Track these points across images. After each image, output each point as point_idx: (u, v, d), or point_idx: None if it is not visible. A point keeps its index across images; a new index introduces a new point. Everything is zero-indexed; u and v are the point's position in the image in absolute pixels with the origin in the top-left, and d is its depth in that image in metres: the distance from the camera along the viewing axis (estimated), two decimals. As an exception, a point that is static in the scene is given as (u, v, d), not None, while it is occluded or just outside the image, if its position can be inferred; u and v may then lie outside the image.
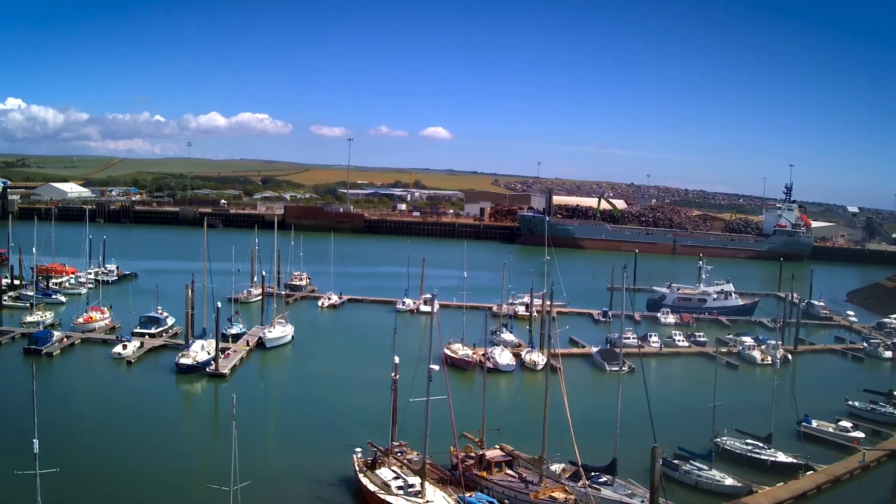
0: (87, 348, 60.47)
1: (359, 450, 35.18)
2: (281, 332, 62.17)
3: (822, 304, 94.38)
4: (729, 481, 36.22)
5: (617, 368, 60.13)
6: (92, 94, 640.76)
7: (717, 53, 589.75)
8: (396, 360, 38.14)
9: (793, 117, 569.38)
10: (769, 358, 67.02)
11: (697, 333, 73.72)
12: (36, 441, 25.93)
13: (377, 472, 32.79)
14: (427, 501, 30.24)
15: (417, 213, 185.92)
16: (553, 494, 32.28)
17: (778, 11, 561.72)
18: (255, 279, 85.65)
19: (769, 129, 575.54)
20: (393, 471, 32.79)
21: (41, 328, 64.69)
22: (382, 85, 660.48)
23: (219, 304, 54.01)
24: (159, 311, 67.12)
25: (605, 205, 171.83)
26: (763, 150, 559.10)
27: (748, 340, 70.95)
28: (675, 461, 38.19)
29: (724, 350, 69.43)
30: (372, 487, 31.66)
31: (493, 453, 35.22)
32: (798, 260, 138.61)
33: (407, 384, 51.70)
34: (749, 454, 40.15)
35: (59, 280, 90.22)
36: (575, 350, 65.74)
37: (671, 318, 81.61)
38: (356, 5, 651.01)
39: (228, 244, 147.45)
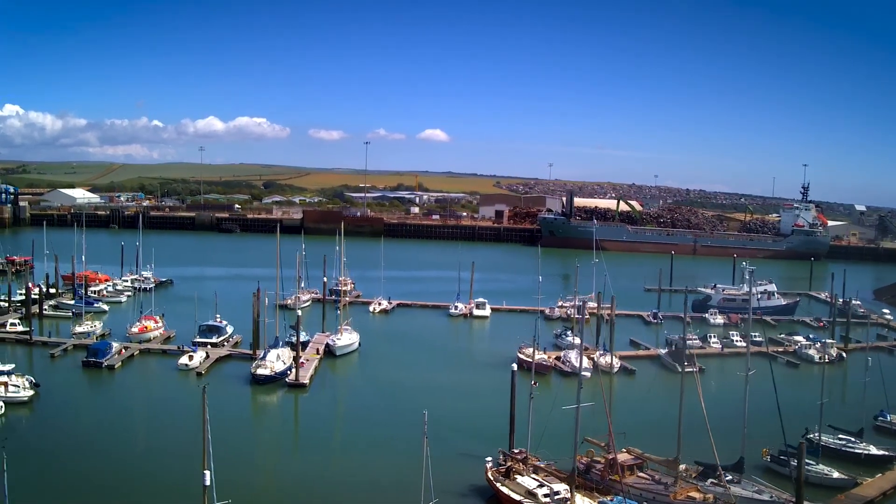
0: (148, 360, 59.07)
1: (489, 458, 34.87)
2: (349, 339, 61.57)
3: (858, 302, 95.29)
4: (836, 475, 37.39)
5: (689, 369, 60.96)
6: (90, 100, 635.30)
7: (717, 53, 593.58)
8: (514, 367, 37.89)
9: (792, 116, 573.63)
10: (826, 356, 68.01)
11: (753, 333, 74.12)
12: (208, 472, 24.44)
13: (518, 480, 32.53)
14: (577, 508, 30.17)
15: (437, 217, 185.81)
16: (690, 494, 32.52)
17: (777, 11, 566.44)
18: (303, 285, 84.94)
19: (769, 129, 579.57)
20: (534, 478, 32.58)
21: (94, 339, 63.29)
22: (380, 87, 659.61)
23: (298, 313, 53.45)
24: (218, 319, 66.11)
25: (623, 206, 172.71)
26: (762, 149, 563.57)
27: (801, 339, 71.94)
28: (783, 457, 38.86)
29: (780, 349, 70.27)
30: (516, 496, 31.42)
31: (622, 457, 35.14)
32: (816, 259, 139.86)
33: (489, 389, 51.80)
34: (843, 448, 41.52)
35: (97, 288, 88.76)
36: (641, 352, 65.91)
37: (720, 319, 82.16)
38: (352, 8, 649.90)
39: (251, 249, 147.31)
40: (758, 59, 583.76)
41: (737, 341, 70.74)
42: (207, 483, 24.48)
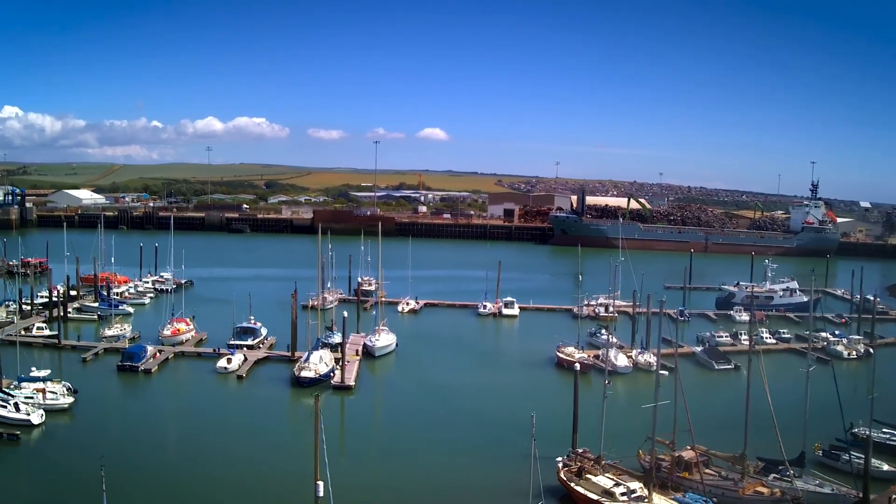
0: (183, 363, 58.32)
1: (559, 458, 35.07)
2: (387, 340, 61.57)
3: (878, 299, 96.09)
4: (886, 467, 38.24)
5: (725, 367, 61.57)
6: (89, 101, 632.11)
7: (719, 51, 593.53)
8: (577, 367, 38.05)
9: (794, 113, 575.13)
10: (854, 352, 68.87)
11: (782, 330, 74.91)
12: (321, 483, 23.74)
13: (594, 479, 32.76)
14: (654, 506, 30.53)
15: (448, 216, 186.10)
16: (758, 489, 33.09)
17: (778, 9, 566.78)
18: (328, 285, 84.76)
19: (770, 126, 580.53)
20: (609, 477, 32.83)
21: (125, 342, 62.25)
22: (378, 87, 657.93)
23: (345, 314, 53.33)
24: (252, 321, 65.77)
25: (634, 204, 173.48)
26: (762, 147, 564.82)
27: (828, 336, 72.67)
28: (835, 451, 39.87)
29: (808, 346, 70.94)
30: (593, 496, 31.67)
31: (689, 454, 35.49)
32: (825, 256, 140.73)
33: (535, 388, 51.98)
34: (889, 442, 42.28)
35: (119, 290, 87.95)
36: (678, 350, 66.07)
37: (745, 316, 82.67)
38: (349, 8, 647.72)
39: (263, 249, 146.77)
40: (759, 57, 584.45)
41: (766, 338, 71.36)
42: (321, 494, 23.87)
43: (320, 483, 24.04)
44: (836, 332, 75.00)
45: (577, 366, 38.51)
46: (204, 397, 50.39)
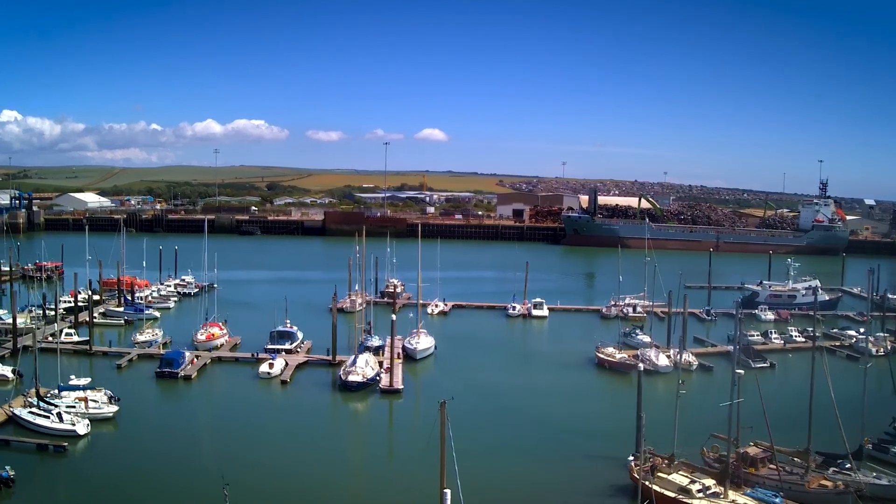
0: (222, 368, 57.90)
1: (631, 457, 35.63)
2: (427, 342, 61.85)
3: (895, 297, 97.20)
4: None
5: (762, 365, 62.25)
6: (88, 104, 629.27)
7: (721, 51, 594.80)
8: (641, 366, 38.65)
9: (792, 111, 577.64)
10: (882, 349, 69.71)
11: (810, 329, 75.53)
12: (448, 491, 23.46)
13: (668, 477, 33.31)
14: (732, 502, 31.16)
15: (460, 216, 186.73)
16: (822, 483, 33.85)
17: (778, 9, 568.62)
18: (356, 287, 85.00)
19: (771, 125, 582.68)
20: (683, 475, 33.40)
21: (157, 348, 61.94)
22: (376, 87, 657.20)
23: (393, 317, 53.58)
24: (288, 325, 65.85)
25: (645, 203, 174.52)
26: (760, 146, 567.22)
27: (854, 333, 73.54)
28: (884, 444, 40.76)
29: (836, 343, 71.86)
30: (669, 493, 32.23)
31: (754, 450, 36.19)
32: (835, 254, 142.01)
33: (582, 389, 52.53)
34: None
35: (142, 294, 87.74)
36: (711, 349, 66.88)
37: (770, 315, 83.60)
38: (346, 9, 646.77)
39: (275, 251, 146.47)
40: (761, 55, 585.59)
41: (795, 336, 72.34)
42: (448, 502, 23.75)
43: (447, 491, 23.74)
44: (861, 330, 75.83)
45: (641, 366, 39.20)
46: (251, 404, 49.38)
